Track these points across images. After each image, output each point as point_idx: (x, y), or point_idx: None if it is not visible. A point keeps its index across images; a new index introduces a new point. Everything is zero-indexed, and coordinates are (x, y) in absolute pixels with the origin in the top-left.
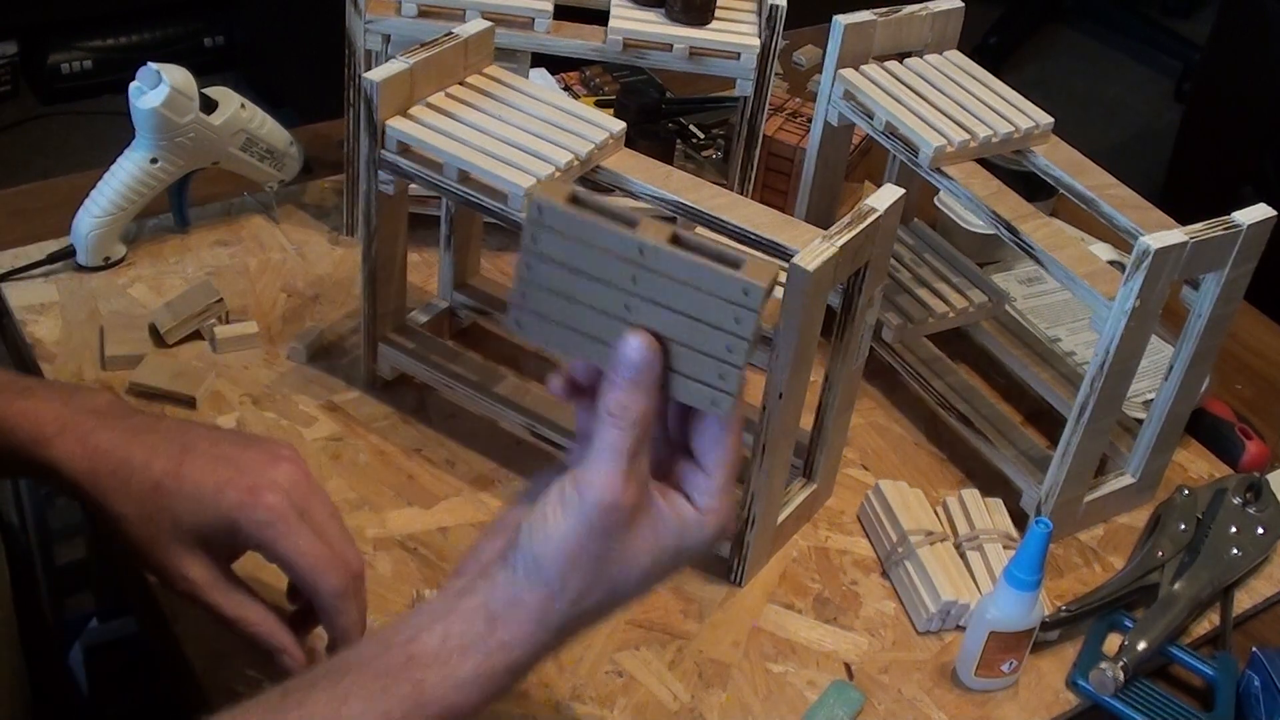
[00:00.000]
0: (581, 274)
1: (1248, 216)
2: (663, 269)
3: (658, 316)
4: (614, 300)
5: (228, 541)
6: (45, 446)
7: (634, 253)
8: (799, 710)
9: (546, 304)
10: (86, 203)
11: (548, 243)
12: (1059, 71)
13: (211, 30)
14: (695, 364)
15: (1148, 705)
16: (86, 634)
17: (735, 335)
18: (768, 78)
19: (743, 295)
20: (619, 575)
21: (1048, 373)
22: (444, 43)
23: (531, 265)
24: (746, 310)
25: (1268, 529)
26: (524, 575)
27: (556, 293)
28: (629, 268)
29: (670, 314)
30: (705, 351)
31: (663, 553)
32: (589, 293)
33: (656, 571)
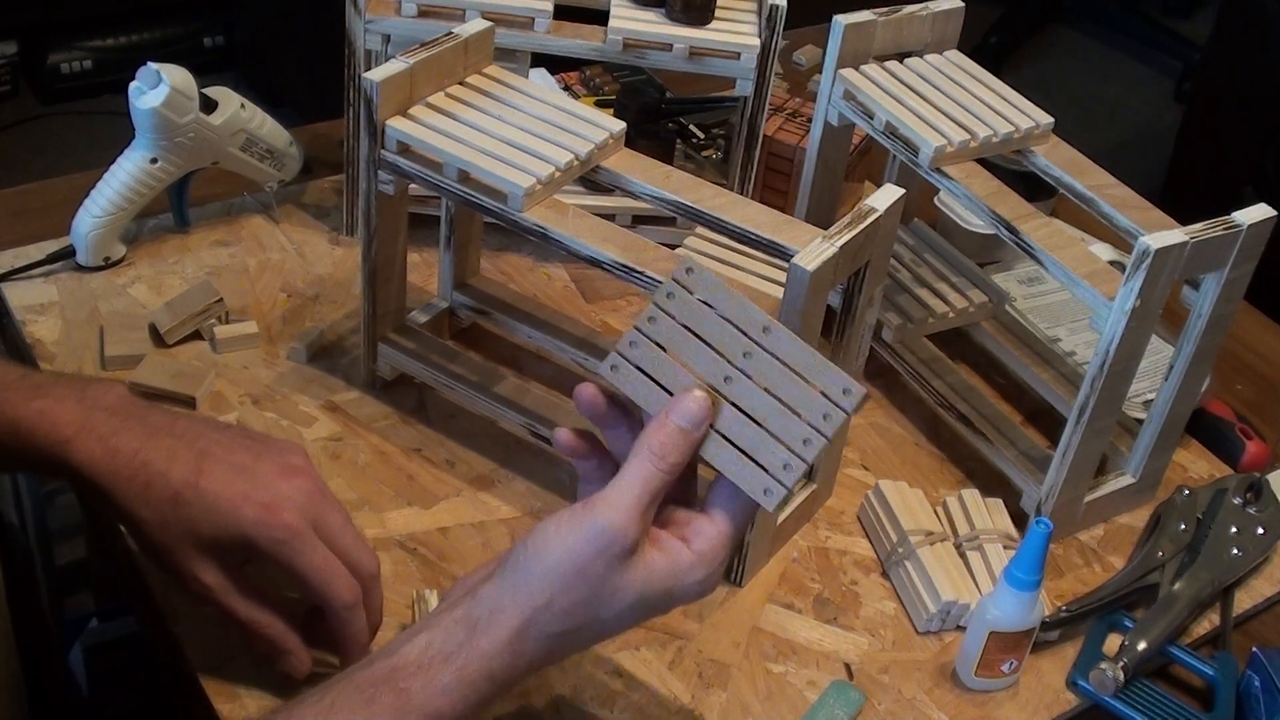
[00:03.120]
0: (696, 339)
1: (1248, 216)
2: (777, 350)
3: (752, 394)
4: (717, 370)
5: (242, 551)
6: (65, 448)
7: (757, 329)
8: (799, 710)
9: (650, 358)
10: (86, 203)
11: (679, 301)
12: (1059, 71)
13: (211, 30)
14: (766, 449)
15: (1148, 705)
16: (86, 634)
17: (817, 430)
18: (768, 78)
19: (842, 394)
20: (606, 603)
21: (1048, 373)
22: (444, 43)
23: (655, 319)
24: (839, 409)
25: (1268, 529)
26: (510, 586)
27: (665, 350)
28: (745, 343)
29: (764, 395)
30: (782, 439)
31: (652, 593)
32: (696, 358)
33: (641, 609)
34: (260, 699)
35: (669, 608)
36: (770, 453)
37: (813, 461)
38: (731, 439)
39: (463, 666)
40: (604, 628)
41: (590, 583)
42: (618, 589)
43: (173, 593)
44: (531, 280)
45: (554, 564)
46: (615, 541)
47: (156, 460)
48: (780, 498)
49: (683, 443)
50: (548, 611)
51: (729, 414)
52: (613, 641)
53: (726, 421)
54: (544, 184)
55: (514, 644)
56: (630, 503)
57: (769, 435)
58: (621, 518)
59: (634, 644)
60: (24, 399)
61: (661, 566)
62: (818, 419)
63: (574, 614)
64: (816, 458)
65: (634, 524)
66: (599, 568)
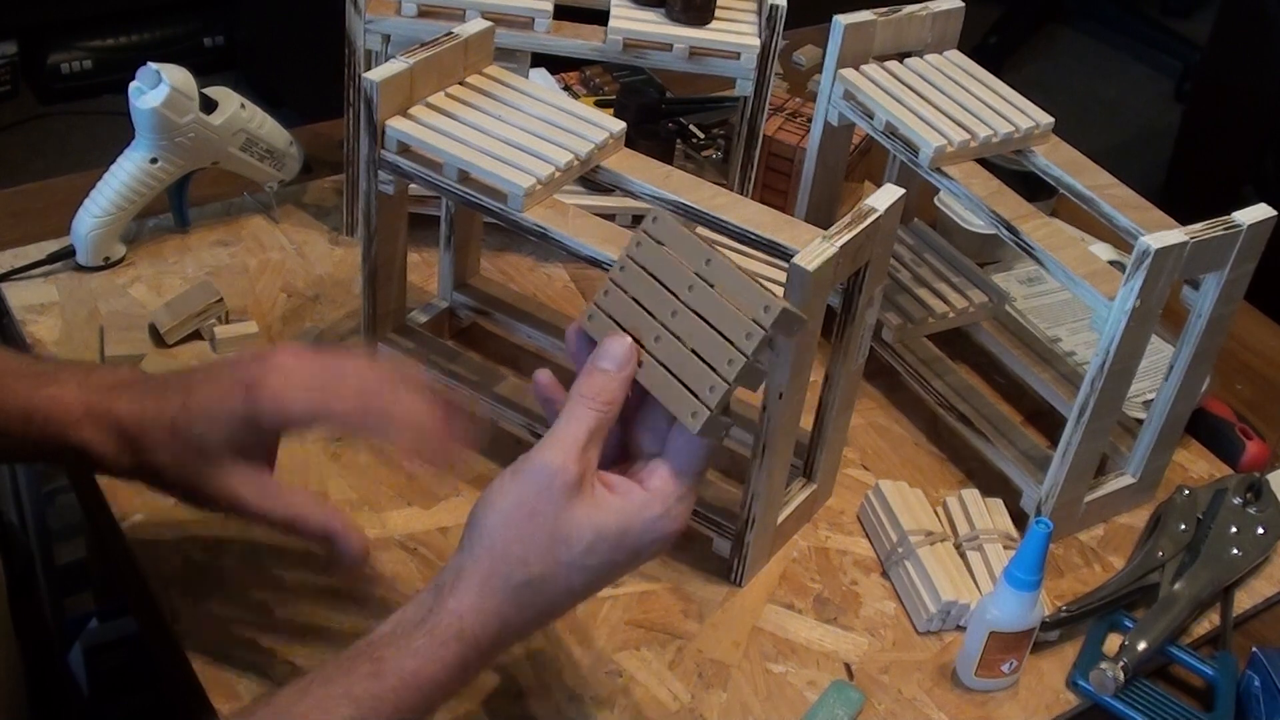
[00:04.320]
0: (654, 280)
1: (1248, 216)
2: (716, 279)
3: (690, 324)
4: (666, 305)
5: (256, 441)
6: (74, 430)
7: (701, 262)
8: (799, 710)
9: (616, 303)
10: (86, 203)
11: (645, 248)
12: (1059, 71)
13: (211, 30)
14: (697, 375)
15: (1148, 705)
16: (86, 634)
17: (739, 350)
18: (768, 78)
19: (762, 312)
20: (562, 542)
21: (1048, 373)
22: (444, 43)
23: (625, 268)
24: (758, 328)
25: (1268, 529)
26: (469, 545)
27: (628, 295)
28: (690, 277)
29: (701, 324)
30: (711, 363)
31: (608, 530)
32: (652, 298)
33: (603, 551)
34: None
35: (635, 555)
36: (700, 377)
37: (733, 380)
38: (671, 369)
39: (432, 628)
40: (569, 575)
41: (540, 523)
42: (570, 526)
43: (172, 592)
44: (531, 280)
45: (502, 512)
46: (555, 476)
47: (150, 410)
48: (704, 419)
49: (610, 383)
50: (506, 560)
51: (671, 346)
52: (613, 641)
53: (668, 353)
54: (544, 184)
55: (480, 600)
56: (566, 440)
57: (700, 361)
58: (558, 455)
59: (634, 644)
60: (34, 388)
61: (614, 504)
62: (740, 339)
63: (533, 559)
64: (735, 377)
65: (573, 460)
66: (545, 506)
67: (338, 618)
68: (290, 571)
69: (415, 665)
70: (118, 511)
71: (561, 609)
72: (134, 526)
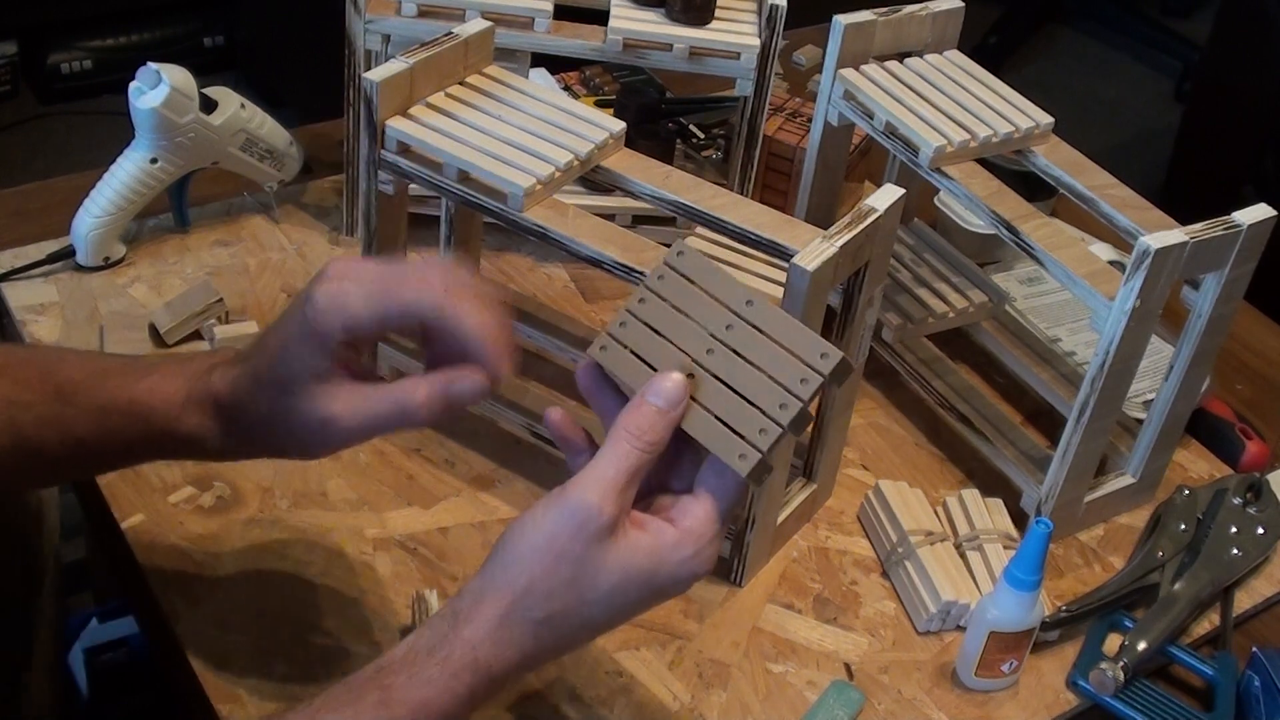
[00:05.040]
0: (683, 316)
1: (1248, 216)
2: (759, 321)
3: (732, 364)
4: (700, 344)
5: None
6: (180, 420)
7: (740, 303)
8: (799, 710)
9: (636, 337)
10: (86, 203)
11: (668, 281)
12: (1059, 71)
13: (211, 30)
14: (744, 417)
15: (1148, 705)
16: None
17: (793, 395)
18: (768, 78)
19: (819, 359)
20: (588, 584)
21: (1048, 373)
22: (444, 43)
23: (646, 300)
24: (815, 373)
25: (1268, 529)
26: (491, 574)
27: (651, 328)
28: (728, 316)
29: (744, 365)
30: (759, 406)
31: (636, 572)
32: (682, 334)
33: (629, 592)
34: (260, 699)
35: (660, 593)
36: (747, 420)
37: (788, 425)
38: (712, 410)
39: (446, 657)
40: (592, 613)
41: (569, 562)
42: (599, 568)
43: (172, 592)
44: (531, 280)
45: (532, 546)
46: (591, 519)
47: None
48: (754, 462)
49: (659, 422)
50: (529, 595)
51: (710, 385)
52: (612, 641)
53: (708, 393)
54: (544, 184)
55: (498, 631)
56: (606, 480)
57: (747, 403)
58: (597, 495)
59: (634, 644)
60: (133, 381)
61: (644, 544)
62: (795, 383)
63: (556, 597)
64: (790, 421)
65: (610, 501)
66: (577, 546)
67: (338, 618)
68: (290, 572)
69: (425, 695)
70: (118, 511)
71: (579, 643)
72: (134, 526)
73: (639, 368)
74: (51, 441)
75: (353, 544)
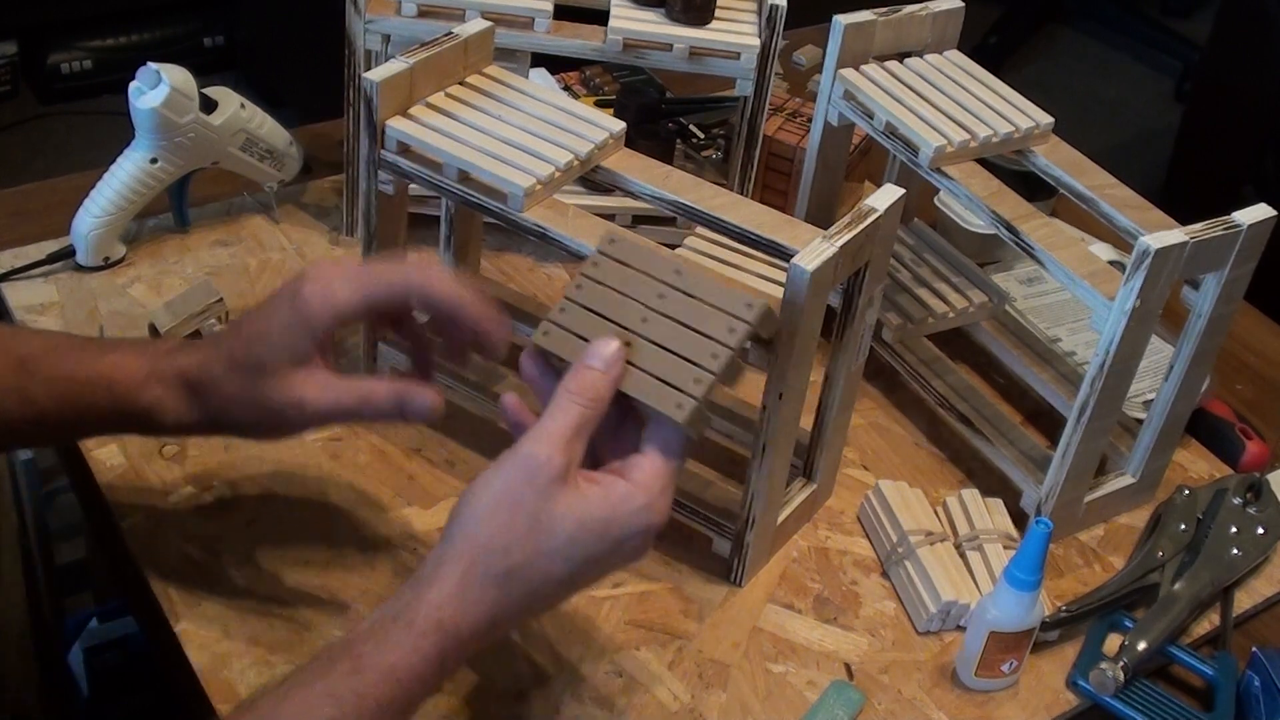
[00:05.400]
0: (617, 294)
1: (1248, 216)
2: (689, 288)
3: (666, 327)
4: (635, 315)
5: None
6: (141, 391)
7: (670, 273)
8: (799, 710)
9: (576, 319)
10: (86, 203)
11: (603, 267)
12: (1059, 71)
13: (211, 30)
14: (678, 371)
15: (1148, 705)
16: (86, 634)
17: (723, 344)
18: (768, 78)
19: (745, 309)
20: (545, 533)
21: (1048, 373)
22: (444, 43)
23: (583, 285)
24: (742, 323)
25: (1268, 529)
26: (451, 538)
27: (589, 309)
28: (659, 287)
29: (677, 327)
30: (692, 359)
31: (591, 520)
32: (617, 309)
33: (587, 542)
34: None
35: (618, 546)
36: (682, 374)
37: (719, 372)
38: (649, 370)
39: (411, 621)
40: (553, 566)
41: (523, 513)
42: (553, 515)
43: (172, 592)
44: (531, 280)
45: (486, 504)
46: (540, 468)
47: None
48: (690, 409)
49: (599, 380)
50: (488, 552)
51: (647, 349)
52: (613, 641)
53: (644, 357)
54: (544, 184)
55: (461, 591)
56: (551, 432)
57: (681, 359)
58: (544, 446)
59: (634, 644)
60: (96, 356)
61: (596, 494)
62: (723, 334)
63: (515, 549)
64: (724, 369)
65: (558, 451)
66: (529, 497)
67: (338, 618)
68: (290, 571)
69: (394, 658)
70: (118, 511)
71: (545, 600)
72: (134, 526)
73: (578, 344)
74: (13, 412)
75: (353, 544)
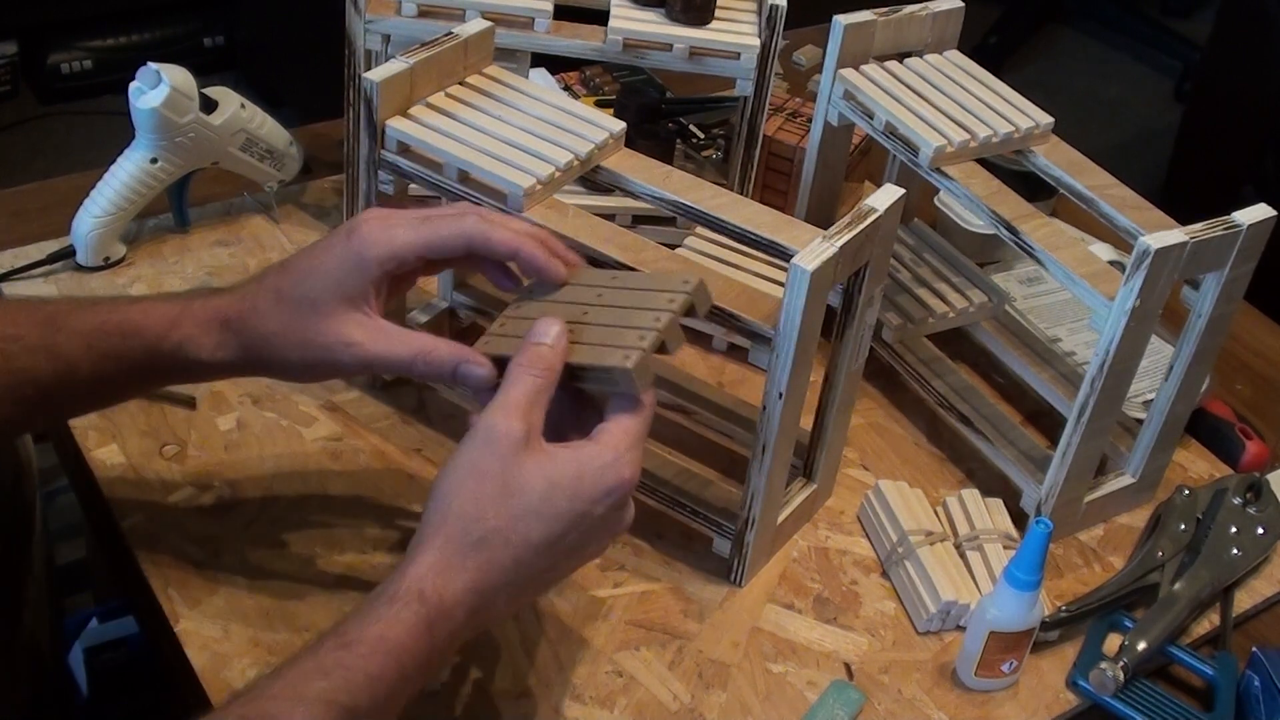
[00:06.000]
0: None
1: (1248, 216)
2: (626, 284)
3: (609, 311)
4: (575, 312)
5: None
6: (171, 332)
7: (607, 279)
8: (799, 710)
9: (519, 326)
10: (86, 203)
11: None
12: (1059, 71)
13: (211, 30)
14: (624, 335)
15: (1148, 705)
16: (86, 634)
17: (666, 309)
18: (768, 78)
19: (682, 284)
20: (515, 496)
21: (1048, 373)
22: (444, 43)
23: (520, 302)
24: (681, 293)
25: (1268, 529)
26: (427, 518)
27: (528, 318)
28: (597, 291)
29: (617, 309)
30: (636, 325)
31: (561, 480)
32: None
33: (558, 501)
34: None
35: (591, 507)
36: (627, 336)
37: (663, 328)
38: (596, 343)
39: (393, 595)
40: (529, 529)
41: (491, 479)
42: (521, 476)
43: (172, 592)
44: None
45: (454, 480)
46: (500, 435)
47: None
48: (638, 356)
49: (547, 352)
50: (462, 520)
51: (592, 330)
52: (613, 641)
53: (590, 334)
54: (544, 184)
55: (440, 562)
56: (507, 402)
57: (625, 328)
58: (500, 415)
59: (634, 644)
60: (124, 306)
61: (563, 454)
62: (664, 304)
63: (488, 515)
64: (666, 326)
65: (516, 418)
66: (494, 463)
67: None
68: (290, 572)
69: (379, 630)
70: (117, 511)
71: (534, 570)
72: (134, 526)
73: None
74: (43, 370)
75: (353, 544)
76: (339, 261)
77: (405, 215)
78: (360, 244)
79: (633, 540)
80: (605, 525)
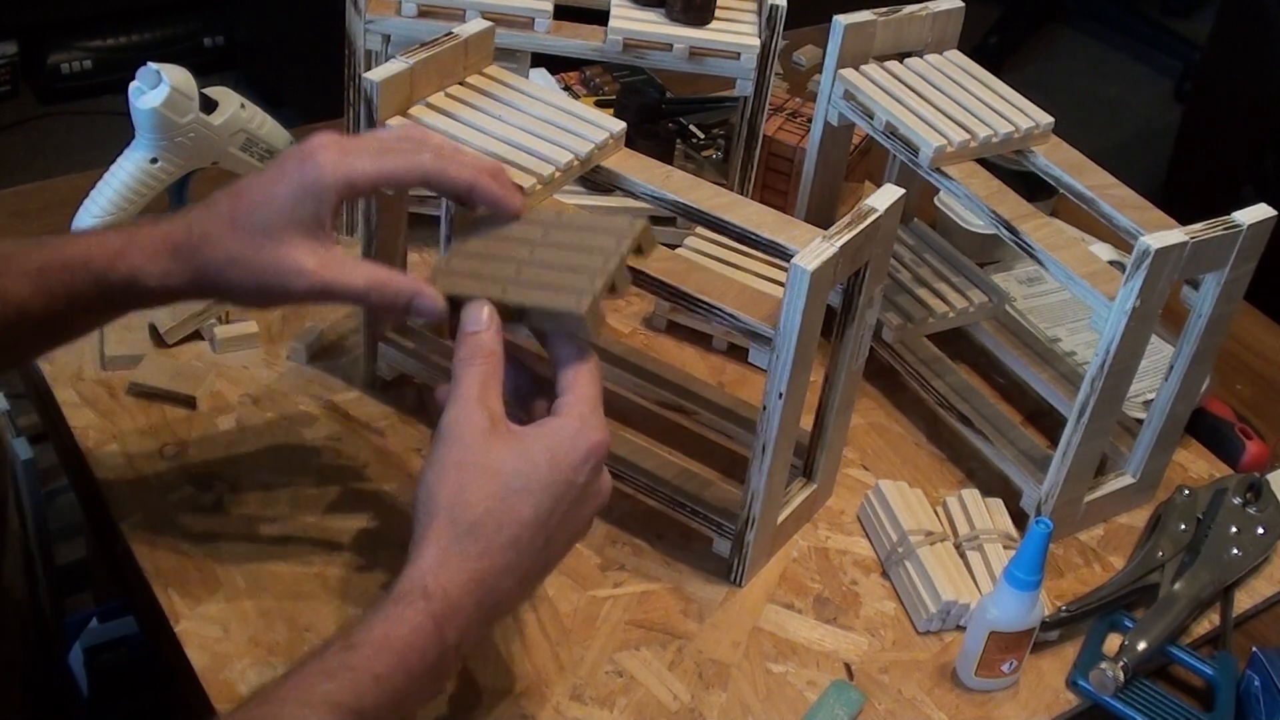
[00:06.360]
0: (504, 238)
1: (1248, 216)
2: (571, 223)
3: (557, 250)
4: (522, 250)
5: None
6: (120, 260)
7: (552, 216)
8: (799, 710)
9: (466, 263)
10: (86, 203)
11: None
12: (1059, 71)
13: (211, 30)
14: (574, 280)
15: (1148, 705)
16: (86, 634)
17: (614, 251)
18: (768, 78)
19: (629, 225)
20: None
21: (1048, 373)
22: (444, 43)
23: (467, 237)
24: (626, 237)
25: (1268, 529)
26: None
27: (477, 254)
28: (543, 228)
29: (565, 250)
30: (586, 268)
31: (535, 453)
32: (504, 248)
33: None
34: None
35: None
36: (578, 280)
37: (613, 271)
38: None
39: (397, 596)
40: (518, 504)
41: (468, 468)
42: (498, 460)
43: (172, 592)
44: None
45: (433, 479)
46: (463, 427)
47: (200, 217)
48: (590, 298)
49: (482, 339)
50: (451, 511)
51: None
52: (613, 641)
53: (537, 275)
54: (544, 184)
55: (438, 556)
56: (461, 396)
57: (574, 272)
58: (461, 408)
59: (634, 644)
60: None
61: (531, 432)
62: (612, 244)
63: (474, 501)
64: (616, 265)
65: (475, 409)
66: (466, 455)
67: (338, 618)
68: (290, 572)
69: (384, 630)
70: (117, 511)
71: (527, 544)
72: (134, 526)
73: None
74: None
75: (353, 544)
76: (294, 189)
77: (361, 143)
78: (316, 172)
79: (633, 540)
80: (588, 494)
